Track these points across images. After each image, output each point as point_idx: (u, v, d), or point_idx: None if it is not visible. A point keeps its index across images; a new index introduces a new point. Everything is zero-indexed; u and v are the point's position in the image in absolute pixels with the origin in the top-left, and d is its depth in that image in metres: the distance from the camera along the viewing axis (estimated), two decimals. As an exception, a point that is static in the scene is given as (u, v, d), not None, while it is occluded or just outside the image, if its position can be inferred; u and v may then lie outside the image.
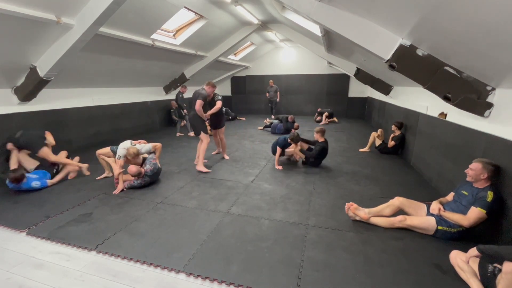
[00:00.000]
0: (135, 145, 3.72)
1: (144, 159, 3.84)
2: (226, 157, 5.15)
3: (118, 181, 3.55)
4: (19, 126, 4.60)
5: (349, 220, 2.83)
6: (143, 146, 3.81)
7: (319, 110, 10.28)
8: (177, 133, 7.42)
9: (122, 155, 3.55)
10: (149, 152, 3.91)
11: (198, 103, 4.14)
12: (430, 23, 2.25)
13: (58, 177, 3.86)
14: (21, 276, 2.03)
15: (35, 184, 3.52)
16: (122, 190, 3.54)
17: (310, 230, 2.64)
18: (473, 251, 1.87)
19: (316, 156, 4.56)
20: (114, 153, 3.75)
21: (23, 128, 4.01)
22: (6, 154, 3.71)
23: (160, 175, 4.10)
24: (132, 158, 3.56)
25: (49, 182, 3.71)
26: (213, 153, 5.36)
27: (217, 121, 4.87)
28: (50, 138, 4.00)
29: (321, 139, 4.60)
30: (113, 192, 3.48)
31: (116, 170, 3.55)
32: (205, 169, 4.22)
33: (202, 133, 4.23)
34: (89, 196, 3.40)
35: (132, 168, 3.53)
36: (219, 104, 4.52)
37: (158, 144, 4.03)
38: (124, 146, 3.61)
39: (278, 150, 4.62)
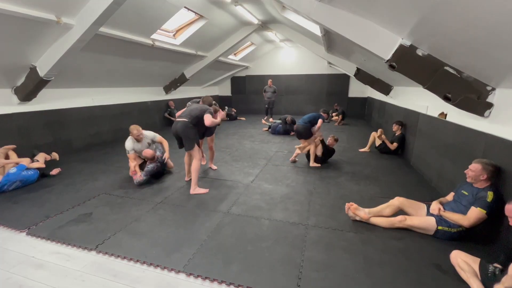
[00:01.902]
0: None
1: (152, 146, 4.15)
2: (214, 167, 4.53)
3: (136, 172, 3.78)
4: (19, 126, 4.62)
5: (349, 220, 2.83)
6: (147, 132, 4.08)
7: (336, 106, 10.26)
8: None
9: (130, 148, 3.86)
10: (154, 141, 4.17)
11: (208, 118, 3.52)
12: (430, 23, 2.25)
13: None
14: (21, 276, 2.03)
15: (12, 170, 3.60)
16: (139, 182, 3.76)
17: (310, 230, 2.64)
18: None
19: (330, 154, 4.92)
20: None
21: (23, 128, 4.01)
22: None
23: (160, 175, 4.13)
24: (136, 135, 3.84)
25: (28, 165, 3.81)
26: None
27: (206, 129, 4.01)
28: None
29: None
30: (136, 179, 3.72)
31: (132, 163, 3.84)
32: (202, 190, 3.56)
33: (196, 146, 3.54)
34: (89, 196, 3.40)
35: (148, 151, 3.86)
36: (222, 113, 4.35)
37: (165, 141, 4.24)
38: (127, 140, 3.92)
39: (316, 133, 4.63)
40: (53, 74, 4.36)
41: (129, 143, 3.89)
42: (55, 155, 4.70)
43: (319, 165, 4.67)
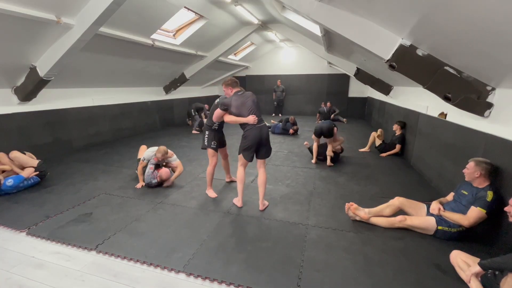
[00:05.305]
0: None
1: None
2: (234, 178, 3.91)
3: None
4: (19, 126, 4.62)
5: (349, 220, 2.83)
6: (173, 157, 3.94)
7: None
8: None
9: (147, 157, 3.69)
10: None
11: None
12: (430, 23, 2.26)
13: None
14: (21, 276, 2.03)
15: (9, 182, 3.41)
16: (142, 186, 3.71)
17: (310, 230, 2.64)
18: (475, 268, 1.81)
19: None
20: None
21: (23, 128, 3.98)
22: None
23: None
24: (161, 156, 3.63)
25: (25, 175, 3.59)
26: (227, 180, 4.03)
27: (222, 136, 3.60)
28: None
29: None
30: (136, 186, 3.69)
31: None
32: (266, 203, 3.20)
33: None
34: (89, 196, 3.40)
35: (165, 172, 3.67)
36: None
37: (180, 168, 3.90)
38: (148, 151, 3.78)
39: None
40: (53, 74, 4.35)
41: (149, 154, 3.68)
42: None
43: (332, 164, 4.73)
